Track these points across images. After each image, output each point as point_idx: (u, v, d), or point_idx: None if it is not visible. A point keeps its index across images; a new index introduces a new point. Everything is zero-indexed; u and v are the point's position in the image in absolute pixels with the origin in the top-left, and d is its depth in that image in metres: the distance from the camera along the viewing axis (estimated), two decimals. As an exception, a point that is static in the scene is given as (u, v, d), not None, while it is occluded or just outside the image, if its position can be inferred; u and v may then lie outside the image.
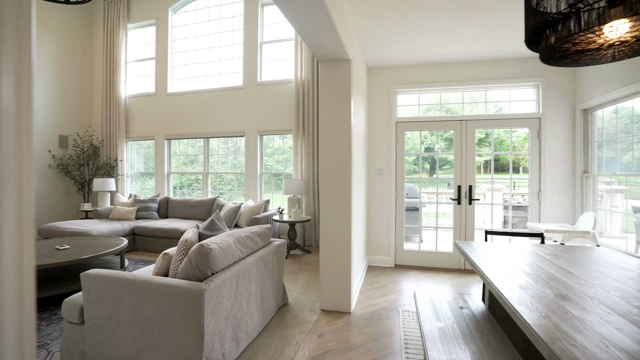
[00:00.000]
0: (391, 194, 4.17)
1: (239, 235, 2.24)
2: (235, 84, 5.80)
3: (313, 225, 5.19)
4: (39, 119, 5.73)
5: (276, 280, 2.68)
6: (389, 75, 4.20)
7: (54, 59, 5.95)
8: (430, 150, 4.23)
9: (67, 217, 6.19)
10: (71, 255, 2.98)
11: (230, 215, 4.66)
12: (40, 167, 5.74)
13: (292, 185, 4.61)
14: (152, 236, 4.76)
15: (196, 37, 6.10)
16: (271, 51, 5.67)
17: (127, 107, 6.38)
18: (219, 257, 1.89)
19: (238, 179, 5.92)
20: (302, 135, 5.24)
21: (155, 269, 2.27)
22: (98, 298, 1.89)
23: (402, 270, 4.00)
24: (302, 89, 5.23)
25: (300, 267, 4.09)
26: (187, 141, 6.13)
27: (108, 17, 6.38)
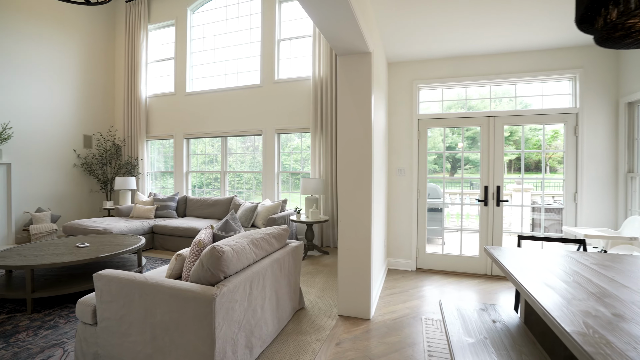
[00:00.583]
0: (413, 194, 3.98)
1: (254, 237, 2.15)
2: (252, 82, 5.75)
3: (331, 225, 5.07)
4: (66, 120, 5.90)
5: (292, 284, 2.58)
6: (410, 70, 4.01)
7: (79, 60, 6.11)
8: (451, 149, 4.03)
9: (91, 215, 6.35)
10: (90, 254, 2.99)
11: (247, 215, 4.61)
12: (66, 166, 5.91)
13: (309, 184, 4.50)
14: (170, 235, 4.78)
15: (214, 36, 6.10)
16: (289, 48, 5.58)
17: (147, 107, 6.47)
18: (232, 260, 1.80)
19: (256, 178, 5.88)
20: (320, 134, 5.12)
21: (169, 270, 2.22)
22: (110, 299, 1.84)
23: (424, 274, 3.81)
24: (320, 86, 5.12)
25: (318, 269, 3.97)
26: (207, 140, 6.15)
27: (129, 18, 6.49)
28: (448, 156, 4.96)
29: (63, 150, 5.85)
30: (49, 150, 5.64)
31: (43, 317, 2.66)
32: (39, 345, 2.26)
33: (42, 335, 2.38)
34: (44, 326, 2.52)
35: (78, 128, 6.09)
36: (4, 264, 2.71)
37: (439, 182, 5.54)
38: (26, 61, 5.35)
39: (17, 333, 2.42)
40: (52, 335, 2.39)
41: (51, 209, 5.69)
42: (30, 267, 2.68)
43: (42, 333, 2.41)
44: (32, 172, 5.42)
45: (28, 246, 3.30)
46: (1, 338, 2.35)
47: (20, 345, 2.25)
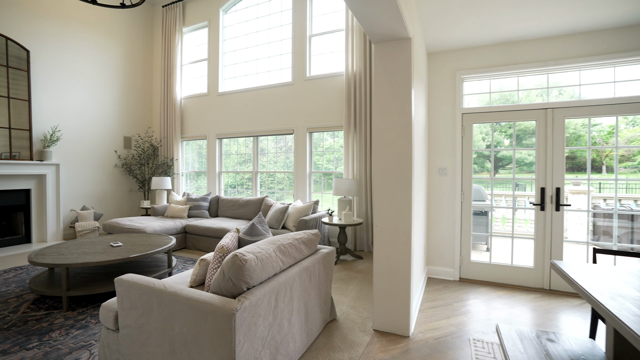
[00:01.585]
0: (456, 196, 3.61)
1: (281, 243, 1.97)
2: (283, 80, 5.63)
3: (365, 229, 4.80)
4: (108, 122, 6.16)
5: (323, 294, 2.37)
6: (453, 60, 3.64)
7: (120, 65, 6.36)
8: (494, 147, 3.60)
9: (130, 214, 6.59)
10: (121, 254, 2.99)
11: (277, 216, 4.48)
12: (108, 167, 6.17)
13: (342, 185, 4.27)
14: (202, 235, 4.77)
15: (245, 35, 6.07)
16: (320, 44, 5.39)
17: (182, 108, 6.60)
18: (256, 270, 1.62)
19: (289, 178, 5.75)
20: (353, 132, 4.87)
21: (193, 276, 2.10)
22: (130, 306, 1.74)
23: (469, 285, 3.43)
24: (353, 82, 4.87)
25: (351, 275, 3.73)
26: (242, 141, 6.12)
27: (166, 22, 6.65)
28: (488, 155, 4.52)
29: (105, 151, 6.11)
30: (92, 151, 5.91)
31: (76, 316, 2.67)
32: (69, 345, 2.24)
33: (73, 336, 2.37)
34: (76, 325, 2.52)
35: (119, 130, 6.35)
36: (43, 262, 2.76)
37: (482, 182, 5.07)
38: (74, 68, 5.63)
39: (51, 331, 2.44)
40: (82, 335, 2.37)
41: (94, 207, 5.96)
42: (65, 265, 2.71)
43: (73, 333, 2.41)
44: (77, 172, 5.70)
45: (68, 244, 3.39)
46: (37, 335, 2.38)
47: (51, 345, 2.25)
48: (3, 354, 2.16)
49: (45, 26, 5.27)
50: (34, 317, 2.67)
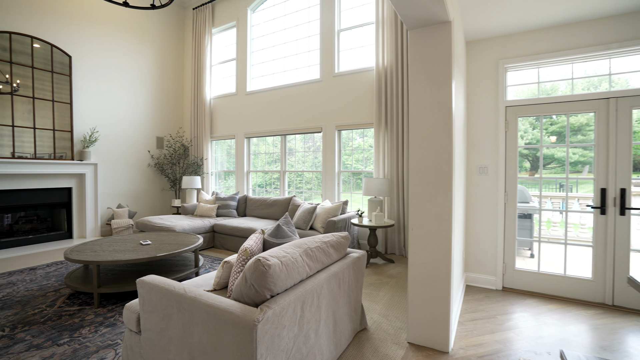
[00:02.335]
0: (498, 197, 3.29)
1: (308, 247, 1.82)
2: (311, 78, 5.51)
3: (397, 231, 4.55)
4: (142, 123, 6.35)
5: (353, 301, 2.20)
6: (495, 48, 3.32)
7: (153, 67, 6.54)
8: (532, 144, 3.25)
9: (162, 212, 6.77)
10: (149, 252, 2.99)
11: (305, 217, 4.35)
12: (142, 166, 6.37)
13: (373, 185, 4.07)
14: (229, 234, 4.76)
15: (273, 33, 6.01)
16: (349, 39, 5.21)
17: (211, 108, 6.68)
18: (280, 276, 1.49)
19: (317, 178, 5.62)
20: (384, 129, 4.64)
21: (216, 279, 2.01)
22: (151, 309, 1.67)
23: (513, 296, 3.11)
24: (384, 77, 4.64)
25: (382, 280, 3.52)
26: (271, 141, 6.08)
27: (196, 24, 6.76)
28: (527, 154, 4.11)
29: (139, 151, 6.31)
30: (127, 151, 6.12)
31: (106, 313, 2.69)
32: (96, 343, 2.23)
33: (101, 333, 2.37)
34: (105, 323, 2.53)
35: (152, 130, 6.53)
36: (77, 258, 2.81)
37: (524, 182, 4.65)
38: (111, 71, 5.86)
39: (82, 327, 2.46)
40: (109, 334, 2.37)
41: (129, 205, 6.16)
42: (96, 262, 2.74)
43: (101, 330, 2.41)
44: (113, 171, 5.92)
45: (101, 241, 3.46)
46: (68, 331, 2.40)
47: (80, 342, 2.25)
48: (37, 348, 2.19)
49: (85, 32, 5.51)
50: (68, 312, 2.72)
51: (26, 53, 4.83)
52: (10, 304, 2.92)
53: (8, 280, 3.54)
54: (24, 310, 2.78)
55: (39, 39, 4.94)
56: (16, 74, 4.73)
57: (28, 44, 4.85)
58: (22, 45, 4.79)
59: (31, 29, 4.91)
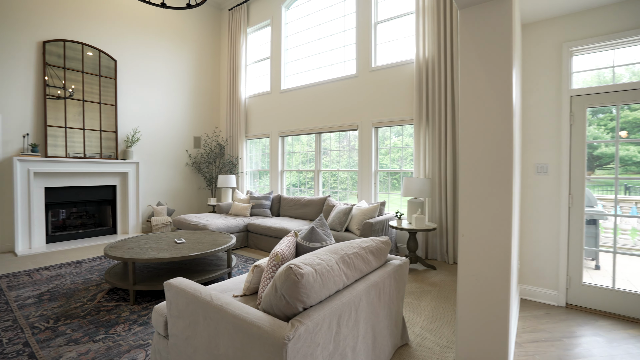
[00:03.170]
0: (561, 200, 2.88)
1: (345, 253, 1.63)
2: (347, 73, 5.31)
3: (439, 235, 4.22)
4: (180, 123, 6.54)
5: (394, 314, 1.97)
6: (559, 29, 2.91)
7: (191, 68, 6.71)
8: (594, 140, 2.77)
9: (199, 210, 6.92)
10: (183, 251, 2.97)
11: (340, 218, 4.16)
12: (180, 165, 6.55)
13: (413, 185, 3.79)
14: (263, 234, 4.70)
15: (307, 29, 5.89)
16: (387, 31, 4.94)
17: (246, 107, 6.71)
18: (314, 287, 1.31)
19: (352, 178, 5.41)
20: (425, 125, 4.33)
21: (246, 283, 1.88)
22: (178, 314, 1.58)
23: (580, 315, 2.69)
24: (424, 70, 4.32)
25: (423, 288, 3.24)
26: (305, 141, 5.97)
27: (231, 25, 6.83)
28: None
29: (177, 151, 6.50)
30: (166, 151, 6.32)
31: (140, 311, 2.69)
32: (129, 342, 2.21)
33: (134, 332, 2.35)
34: (139, 321, 2.52)
35: (189, 130, 6.70)
36: (114, 255, 2.85)
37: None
38: (152, 73, 6.08)
39: (117, 324, 2.47)
40: (142, 333, 2.34)
41: (167, 203, 6.36)
42: (131, 260, 2.75)
43: (134, 329, 2.40)
44: (153, 170, 6.14)
45: (139, 238, 3.52)
46: (104, 327, 2.42)
47: (114, 340, 2.25)
48: (75, 343, 2.22)
49: (129, 37, 5.75)
50: (106, 307, 2.76)
51: (77, 59, 5.12)
52: (57, 295, 3.03)
53: (58, 272, 3.72)
54: (68, 303, 2.87)
55: (89, 45, 5.22)
56: (69, 79, 5.03)
57: (79, 50, 5.14)
58: (73, 51, 5.08)
59: (81, 35, 5.20)
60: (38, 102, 4.80)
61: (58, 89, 4.93)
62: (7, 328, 2.44)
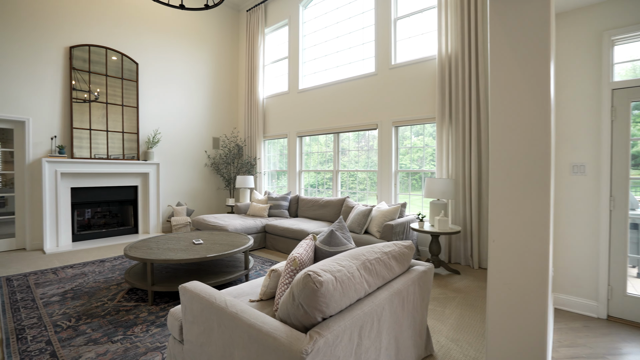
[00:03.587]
0: (601, 202, 2.66)
1: (367, 259, 1.53)
2: (366, 71, 5.18)
3: (462, 238, 4.03)
4: (199, 124, 6.61)
5: (418, 324, 1.85)
6: (598, 16, 2.69)
7: (210, 70, 6.77)
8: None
9: (217, 210, 6.97)
10: (200, 252, 2.95)
11: (359, 220, 4.05)
12: (199, 166, 6.62)
13: (436, 186, 3.63)
14: (280, 235, 4.65)
15: (325, 28, 5.81)
16: (407, 27, 4.78)
17: (264, 107, 6.70)
18: (334, 295, 1.22)
19: (370, 178, 5.28)
20: (448, 124, 4.15)
21: (263, 288, 1.81)
22: (192, 320, 1.53)
23: (625, 329, 2.46)
24: (447, 66, 4.15)
25: (447, 294, 3.08)
26: (324, 141, 5.89)
27: (249, 26, 6.85)
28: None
29: (196, 152, 6.57)
30: (186, 152, 6.40)
31: (158, 312, 2.68)
32: (146, 344, 2.19)
33: (151, 334, 2.34)
34: (156, 322, 2.51)
35: (208, 131, 6.76)
36: (133, 255, 2.86)
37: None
38: (172, 75, 6.17)
39: (135, 325, 2.46)
40: (159, 335, 2.32)
41: (187, 203, 6.44)
42: (149, 261, 2.75)
43: (152, 330, 2.39)
44: (173, 171, 6.23)
45: (158, 238, 3.54)
46: (123, 328, 2.42)
47: (132, 341, 2.24)
48: (94, 343, 2.22)
49: (150, 40, 5.86)
50: (125, 307, 2.78)
51: (101, 62, 5.25)
52: (79, 294, 3.09)
53: (82, 270, 3.81)
54: (90, 302, 2.90)
55: (112, 49, 5.35)
56: (93, 82, 5.17)
57: (103, 54, 5.28)
58: (98, 55, 5.22)
59: (105, 40, 5.33)
60: (65, 105, 4.96)
61: (84, 92, 5.07)
62: (32, 325, 2.49)
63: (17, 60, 4.56)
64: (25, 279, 3.53)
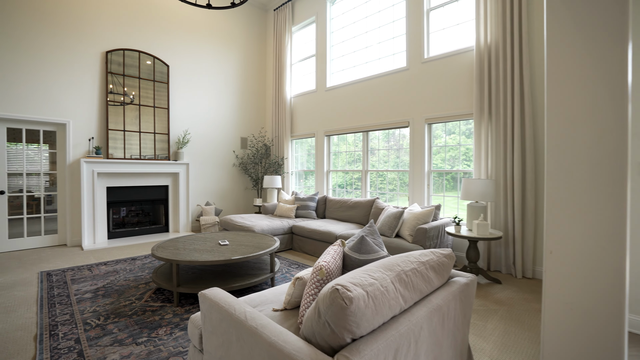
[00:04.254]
0: (677, 208, 2.28)
1: (402, 269, 1.35)
2: (396, 67, 4.94)
3: (504, 244, 3.70)
4: (227, 124, 6.66)
5: (459, 344, 1.64)
6: (674, -7, 2.31)
7: (238, 70, 6.81)
8: None
9: (245, 210, 7.00)
10: (225, 254, 2.89)
11: (390, 222, 3.84)
12: (227, 166, 6.67)
13: (474, 187, 3.34)
14: (307, 237, 4.53)
15: (353, 23, 5.62)
16: (441, 18, 4.49)
17: (292, 106, 6.63)
18: (366, 314, 1.06)
19: (400, 178, 5.04)
20: (487, 120, 3.83)
21: (287, 296, 1.68)
22: (211, 330, 1.42)
23: None
24: (487, 57, 3.83)
25: (488, 306, 2.80)
26: (352, 140, 5.71)
27: (276, 25, 6.81)
28: None
29: (225, 151, 6.63)
30: (214, 152, 6.47)
31: (182, 314, 2.65)
32: (169, 348, 2.14)
33: (175, 337, 2.29)
34: (180, 325, 2.47)
35: (236, 131, 6.80)
36: (159, 255, 2.86)
37: None
38: (201, 76, 6.27)
39: (160, 327, 2.43)
40: (182, 339, 2.27)
41: (215, 203, 6.50)
42: (175, 261, 2.73)
43: (175, 334, 2.34)
44: (202, 171, 6.32)
45: (184, 238, 3.54)
46: (148, 329, 2.40)
47: (155, 344, 2.19)
48: (119, 344, 2.21)
49: (180, 42, 5.98)
50: (152, 307, 2.77)
51: (134, 66, 5.42)
52: (110, 292, 3.14)
53: (114, 268, 3.90)
54: (118, 300, 2.93)
55: (145, 53, 5.50)
56: (127, 85, 5.33)
57: (136, 57, 5.43)
58: (131, 59, 5.38)
59: (138, 44, 5.49)
60: (101, 108, 5.15)
61: (120, 95, 5.25)
62: (64, 322, 2.53)
63: (58, 66, 4.79)
64: (63, 274, 3.66)
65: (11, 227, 4.69)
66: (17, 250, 4.68)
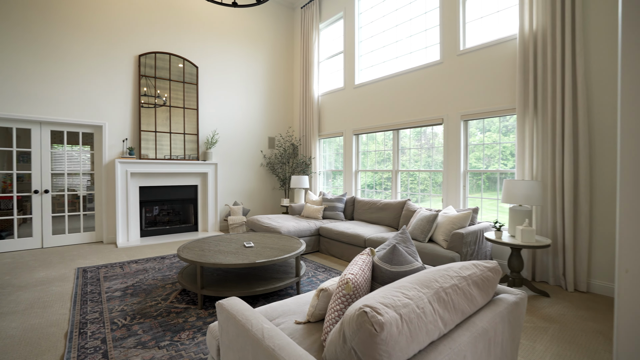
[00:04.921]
0: None
1: (440, 286, 1.17)
2: (429, 60, 4.66)
3: (552, 252, 3.34)
4: (255, 124, 6.66)
5: (508, 372, 1.42)
6: None
7: (265, 70, 6.79)
8: None
9: (273, 211, 6.97)
10: (249, 257, 2.81)
11: (423, 226, 3.59)
12: (255, 166, 6.67)
13: (517, 189, 3.03)
14: (335, 239, 4.38)
15: (383, 17, 5.39)
16: (478, 6, 4.16)
17: (319, 105, 6.51)
18: (399, 341, 0.89)
19: (432, 178, 4.75)
20: (532, 115, 3.48)
21: (311, 308, 1.55)
22: (228, 343, 1.31)
23: None
24: (532, 46, 3.47)
25: (536, 323, 2.51)
26: (381, 140, 5.50)
27: (304, 22, 6.71)
28: None
29: (252, 151, 6.63)
30: (242, 152, 6.50)
31: (206, 317, 2.59)
32: (190, 354, 2.08)
33: (196, 342, 2.23)
34: (202, 329, 2.41)
35: (264, 131, 6.79)
36: (184, 257, 2.83)
37: None
38: (229, 77, 6.31)
39: (182, 330, 2.39)
40: (203, 344, 2.21)
41: (243, 203, 6.53)
42: (199, 264, 2.68)
43: (197, 338, 2.28)
44: (230, 171, 6.36)
45: (210, 239, 3.52)
46: (171, 332, 2.36)
47: (177, 349, 2.14)
48: (142, 346, 2.18)
49: (208, 43, 6.05)
50: (176, 309, 2.74)
51: (165, 68, 5.54)
52: (138, 291, 3.17)
53: (144, 266, 3.97)
54: (145, 300, 2.94)
55: (175, 55, 5.61)
56: (158, 87, 5.46)
57: (167, 60, 5.56)
58: (162, 62, 5.51)
59: (168, 46, 5.61)
60: (134, 109, 5.31)
61: (152, 97, 5.39)
62: (94, 320, 2.57)
63: (95, 71, 5.00)
64: (97, 271, 3.78)
65: (54, 224, 4.95)
66: (60, 246, 4.93)
